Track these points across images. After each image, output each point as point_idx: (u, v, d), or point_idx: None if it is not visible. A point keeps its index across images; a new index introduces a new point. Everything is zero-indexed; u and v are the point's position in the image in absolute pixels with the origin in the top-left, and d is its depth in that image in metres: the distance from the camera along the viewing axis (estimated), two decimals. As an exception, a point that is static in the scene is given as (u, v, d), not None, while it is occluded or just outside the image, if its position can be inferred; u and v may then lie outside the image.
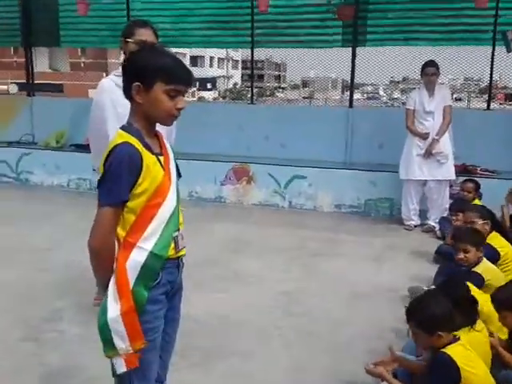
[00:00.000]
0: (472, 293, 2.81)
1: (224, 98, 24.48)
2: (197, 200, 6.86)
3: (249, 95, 8.13)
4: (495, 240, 3.89)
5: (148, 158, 1.79)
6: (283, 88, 23.98)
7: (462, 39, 6.89)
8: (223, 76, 29.62)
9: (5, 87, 20.94)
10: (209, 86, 27.49)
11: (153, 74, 1.78)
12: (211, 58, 35.03)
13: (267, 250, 5.17)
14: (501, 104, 17.88)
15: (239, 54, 26.09)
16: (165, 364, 2.03)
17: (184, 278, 2.02)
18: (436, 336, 2.40)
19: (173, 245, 1.87)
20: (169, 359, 2.06)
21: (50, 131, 8.03)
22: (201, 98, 23.28)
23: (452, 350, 2.39)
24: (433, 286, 4.03)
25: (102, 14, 7.98)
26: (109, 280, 1.80)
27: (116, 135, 1.82)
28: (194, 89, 25.34)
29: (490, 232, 3.99)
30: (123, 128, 1.84)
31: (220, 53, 31.21)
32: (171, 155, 1.96)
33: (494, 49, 6.68)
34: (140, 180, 1.76)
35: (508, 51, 6.68)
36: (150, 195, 1.79)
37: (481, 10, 6.51)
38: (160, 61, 1.80)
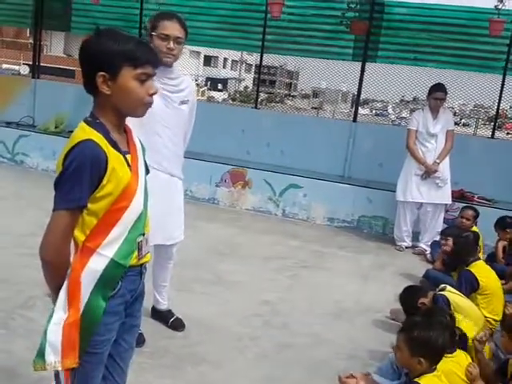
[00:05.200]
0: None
1: (233, 100, 24.48)
2: (190, 199, 6.79)
3: (258, 99, 8.09)
4: (479, 269, 3.84)
5: (114, 158, 1.63)
6: (293, 96, 24.00)
7: (472, 65, 6.87)
8: (235, 78, 29.65)
9: (16, 67, 20.98)
10: (220, 86, 27.54)
11: (118, 60, 1.61)
12: (225, 60, 35.09)
13: (254, 257, 5.10)
14: (508, 134, 17.87)
15: (253, 59, 26.15)
16: (123, 371, 1.92)
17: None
18: (416, 360, 2.34)
19: (136, 252, 1.74)
20: (128, 366, 1.96)
21: (50, 115, 7.97)
22: (210, 98, 23.30)
23: (426, 381, 2.33)
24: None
25: (114, 3, 7.97)
26: (61, 287, 1.64)
27: (78, 129, 1.64)
28: (205, 88, 25.39)
29: (478, 259, 3.96)
30: (87, 121, 1.66)
31: (234, 55, 31.25)
32: (140, 152, 1.80)
33: (504, 78, 6.64)
34: (104, 182, 1.60)
35: (519, 82, 6.65)
36: (115, 198, 1.64)
37: (495, 38, 6.47)
38: (122, 44, 1.63)
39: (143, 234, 1.78)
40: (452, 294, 3.39)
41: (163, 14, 2.94)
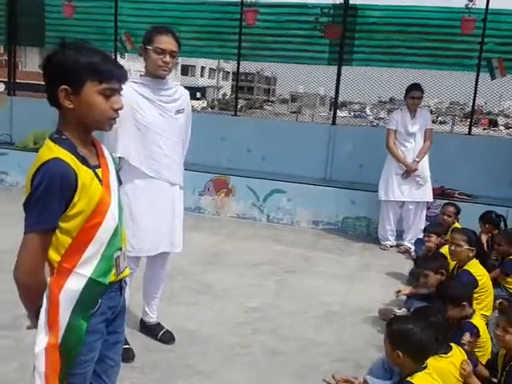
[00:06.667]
0: None
1: (212, 107, 24.47)
2: (174, 209, 6.76)
3: (237, 106, 8.12)
4: (474, 268, 3.82)
5: (83, 174, 1.58)
6: (272, 101, 24.06)
7: (446, 64, 6.98)
8: (213, 86, 29.65)
9: (-8, 85, 20.70)
10: (198, 95, 27.52)
11: (81, 74, 1.57)
12: (202, 68, 35.09)
13: (241, 264, 5.10)
14: (484, 129, 18.14)
15: (230, 66, 26.21)
16: None
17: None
18: (395, 353, 2.35)
19: (114, 268, 1.71)
20: (114, 382, 1.93)
21: (28, 132, 7.88)
22: (189, 107, 23.19)
23: (417, 379, 2.34)
24: (404, 309, 4.01)
25: (88, 17, 7.93)
26: (39, 310, 1.62)
27: (44, 147, 1.59)
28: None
29: (471, 259, 3.92)
30: (52, 139, 1.61)
31: (211, 63, 31.29)
32: (111, 165, 1.76)
33: (478, 75, 6.75)
34: (75, 200, 1.56)
35: (492, 79, 6.76)
36: (88, 216, 1.60)
37: (467, 36, 6.58)
38: (88, 57, 1.58)
39: (120, 249, 1.75)
40: None
41: (159, 28, 2.99)
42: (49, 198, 1.53)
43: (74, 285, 1.62)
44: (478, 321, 3.10)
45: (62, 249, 1.61)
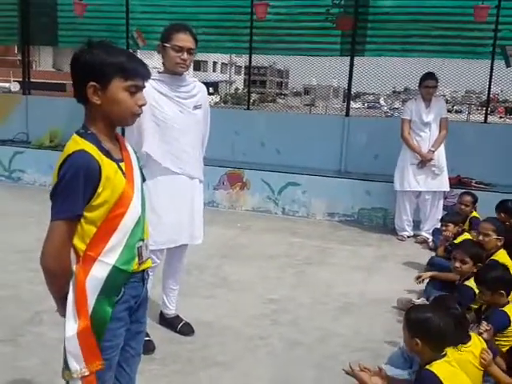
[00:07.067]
0: None
1: (225, 102, 24.50)
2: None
3: (250, 100, 8.12)
4: (503, 258, 3.75)
5: (108, 167, 1.66)
6: (285, 95, 24.01)
7: (460, 52, 6.89)
8: (225, 81, 29.69)
9: (7, 85, 20.93)
10: (211, 90, 27.58)
11: (109, 71, 1.66)
12: (214, 63, 35.17)
13: (258, 257, 5.11)
14: (501, 117, 17.92)
15: (243, 60, 26.21)
16: (130, 377, 1.95)
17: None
18: (414, 341, 2.34)
19: (136, 258, 1.77)
20: (135, 372, 1.98)
21: (44, 130, 8.00)
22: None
23: (436, 367, 2.33)
24: (423, 298, 4.00)
25: (100, 15, 7.98)
26: (65, 296, 1.69)
27: (71, 141, 1.68)
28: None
29: (499, 249, 3.86)
30: (78, 133, 1.70)
31: (223, 58, 31.32)
32: (134, 160, 1.84)
33: (492, 63, 6.67)
34: (99, 190, 1.63)
35: (507, 66, 6.67)
36: (112, 206, 1.67)
37: (480, 24, 6.50)
38: (114, 56, 1.68)
39: (142, 240, 1.81)
40: None
41: (176, 26, 3.04)
42: (74, 187, 1.60)
43: (98, 272, 1.68)
44: (510, 309, 3.05)
45: (87, 238, 1.68)
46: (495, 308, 3.01)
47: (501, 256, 3.76)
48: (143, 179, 1.88)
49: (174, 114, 3.02)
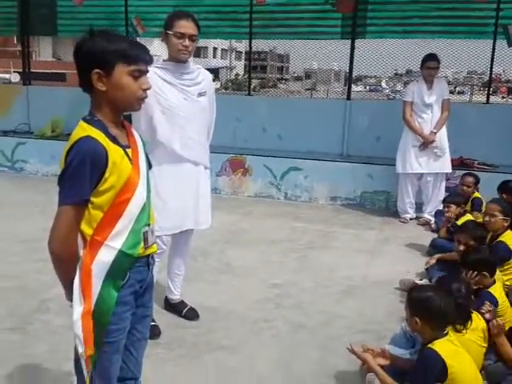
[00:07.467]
0: None
1: (226, 88, 24.38)
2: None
3: (251, 86, 8.08)
4: (510, 239, 3.75)
5: (114, 153, 1.69)
6: (286, 79, 23.89)
7: (462, 32, 6.82)
8: (226, 67, 29.49)
9: (7, 76, 20.92)
10: (211, 76, 27.38)
11: (112, 57, 1.69)
12: (214, 49, 34.89)
13: (261, 242, 5.14)
14: (503, 98, 17.81)
15: (243, 46, 26.03)
16: (137, 360, 1.99)
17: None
18: (414, 320, 2.38)
19: (142, 242, 1.81)
20: (142, 356, 2.02)
21: (45, 120, 7.99)
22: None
23: (438, 345, 2.37)
24: (425, 280, 4.02)
25: (98, 3, 7.94)
26: (72, 281, 1.73)
27: (78, 128, 1.71)
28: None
29: (506, 230, 3.86)
30: (85, 120, 1.73)
31: (223, 44, 31.09)
32: (140, 146, 1.86)
33: (494, 43, 6.62)
34: (106, 175, 1.66)
35: (509, 46, 6.61)
36: (118, 191, 1.71)
37: (482, 4, 6.43)
38: (117, 43, 1.71)
39: (148, 225, 1.84)
40: None
41: (178, 13, 3.05)
42: (80, 172, 1.63)
43: (105, 256, 1.72)
44: (496, 290, 3.09)
45: (94, 223, 1.71)
46: (482, 290, 3.05)
47: (508, 237, 3.77)
48: (149, 166, 1.91)
49: (178, 102, 3.03)
